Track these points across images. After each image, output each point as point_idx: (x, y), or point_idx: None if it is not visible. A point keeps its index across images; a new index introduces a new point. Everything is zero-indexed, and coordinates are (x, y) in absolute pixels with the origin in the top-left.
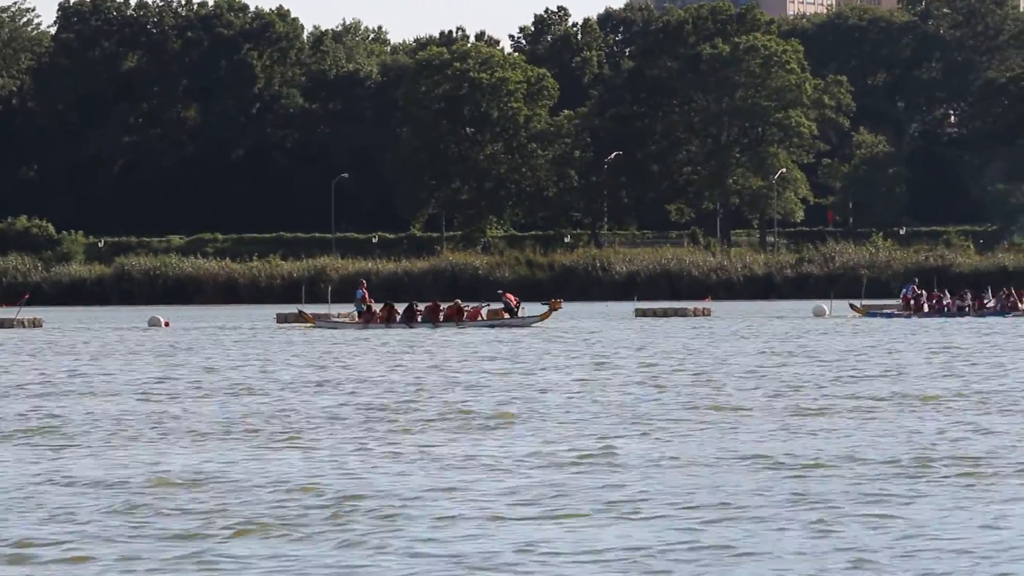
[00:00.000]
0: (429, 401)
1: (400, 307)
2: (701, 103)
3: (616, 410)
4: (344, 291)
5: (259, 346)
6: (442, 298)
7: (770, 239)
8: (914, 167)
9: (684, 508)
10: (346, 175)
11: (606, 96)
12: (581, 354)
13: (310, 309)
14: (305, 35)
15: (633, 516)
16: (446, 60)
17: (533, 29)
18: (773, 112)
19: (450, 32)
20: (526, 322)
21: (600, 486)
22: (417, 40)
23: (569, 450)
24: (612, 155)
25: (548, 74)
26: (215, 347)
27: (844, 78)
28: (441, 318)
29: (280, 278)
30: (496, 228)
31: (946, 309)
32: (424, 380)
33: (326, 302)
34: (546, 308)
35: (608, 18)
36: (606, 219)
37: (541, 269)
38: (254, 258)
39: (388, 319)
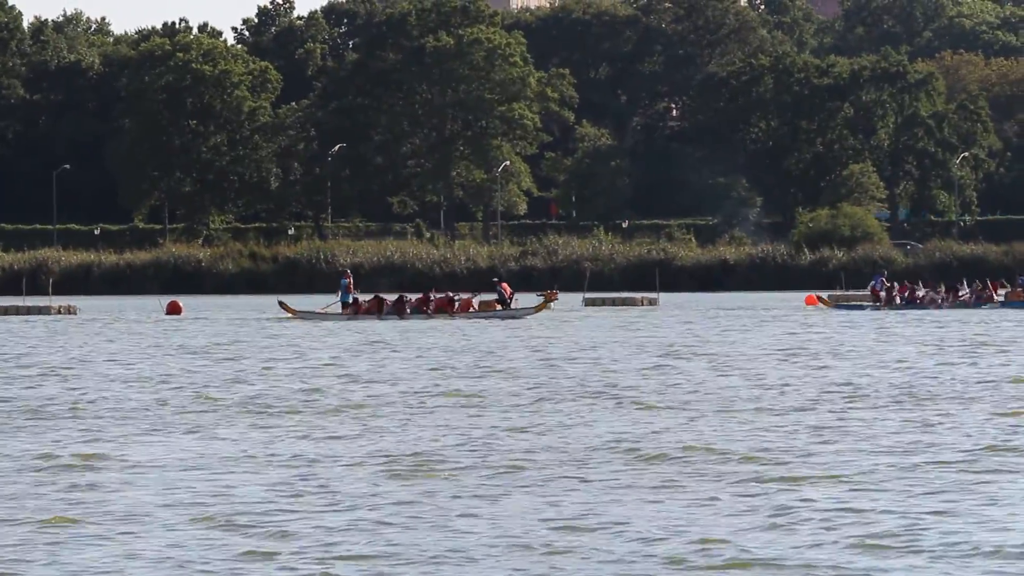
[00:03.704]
0: None
1: (390, 299)
2: (425, 96)
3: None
4: (65, 283)
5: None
6: (437, 288)
7: (493, 232)
8: (636, 161)
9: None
10: (68, 166)
11: (330, 88)
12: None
13: (31, 302)
14: (25, 25)
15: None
16: (168, 51)
17: (257, 21)
18: (497, 105)
19: (173, 24)
20: (519, 314)
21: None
22: (140, 31)
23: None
24: (336, 147)
25: (271, 67)
26: None
27: (567, 71)
28: (431, 308)
29: (1, 269)
30: (219, 220)
31: (919, 301)
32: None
33: (47, 294)
34: (541, 299)
35: (332, 10)
36: (329, 211)
37: (265, 261)
38: None
39: (377, 310)
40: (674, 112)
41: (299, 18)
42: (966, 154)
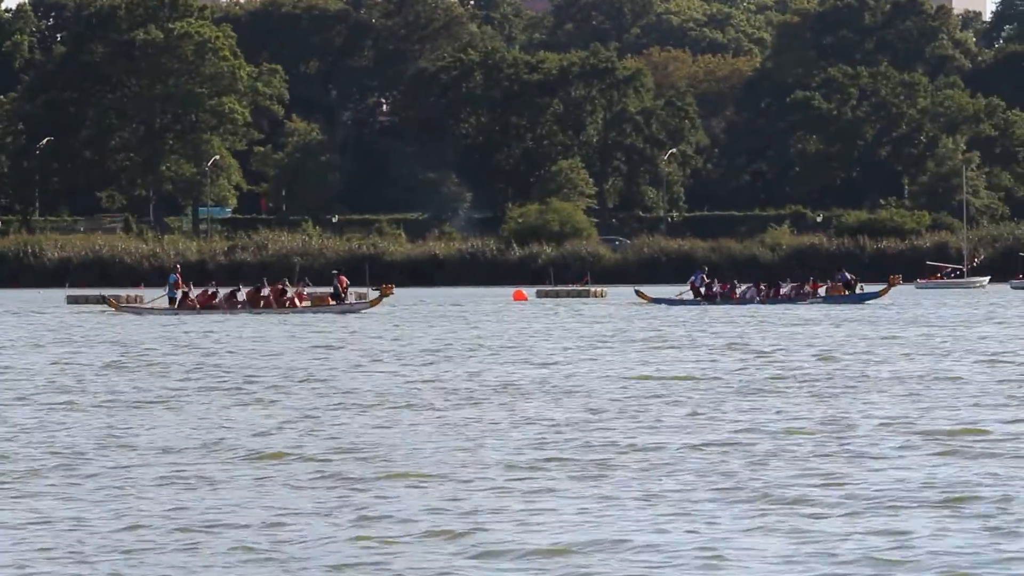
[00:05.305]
0: None
1: (222, 292)
2: (134, 89)
3: None
4: None
5: None
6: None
7: (203, 226)
8: (347, 156)
9: None
10: None
11: (38, 81)
12: None
13: None
14: None
15: None
16: None
17: None
18: (207, 99)
19: None
20: (354, 308)
21: None
22: None
23: None
24: (44, 141)
25: None
26: None
27: (278, 66)
28: (262, 304)
29: None
30: None
31: (739, 297)
32: None
33: None
34: (376, 293)
35: (40, 3)
36: (38, 205)
37: None
38: None
39: (206, 304)
40: (384, 107)
41: (7, 10)
42: (674, 150)
